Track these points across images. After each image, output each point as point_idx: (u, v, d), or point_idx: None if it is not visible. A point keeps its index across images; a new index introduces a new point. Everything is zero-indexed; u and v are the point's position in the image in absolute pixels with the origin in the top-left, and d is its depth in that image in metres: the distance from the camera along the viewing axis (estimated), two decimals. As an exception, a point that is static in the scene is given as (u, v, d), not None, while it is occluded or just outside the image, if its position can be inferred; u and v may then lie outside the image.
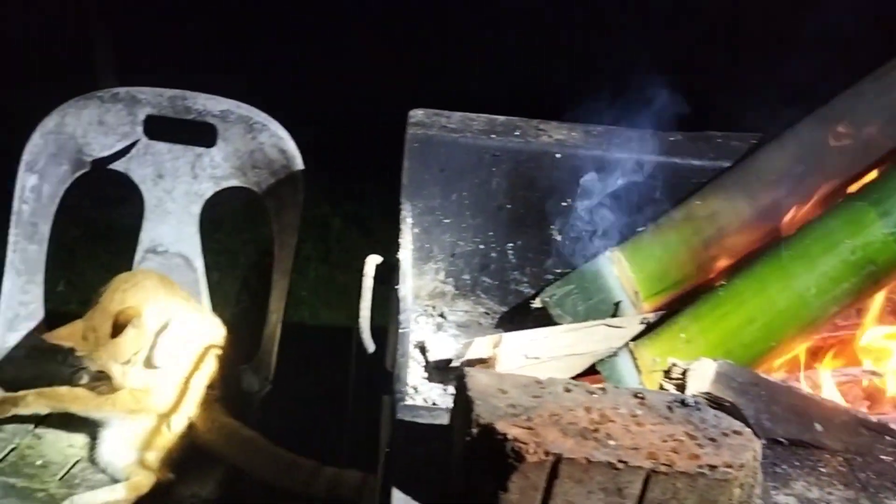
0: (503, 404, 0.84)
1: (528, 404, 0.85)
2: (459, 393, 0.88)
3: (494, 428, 0.80)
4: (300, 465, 1.51)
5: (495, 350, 1.32)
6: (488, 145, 1.49)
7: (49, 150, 1.84)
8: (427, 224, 1.55)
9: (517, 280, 1.60)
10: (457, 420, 0.87)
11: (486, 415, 0.82)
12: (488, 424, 0.81)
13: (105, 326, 1.49)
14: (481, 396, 0.84)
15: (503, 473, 0.79)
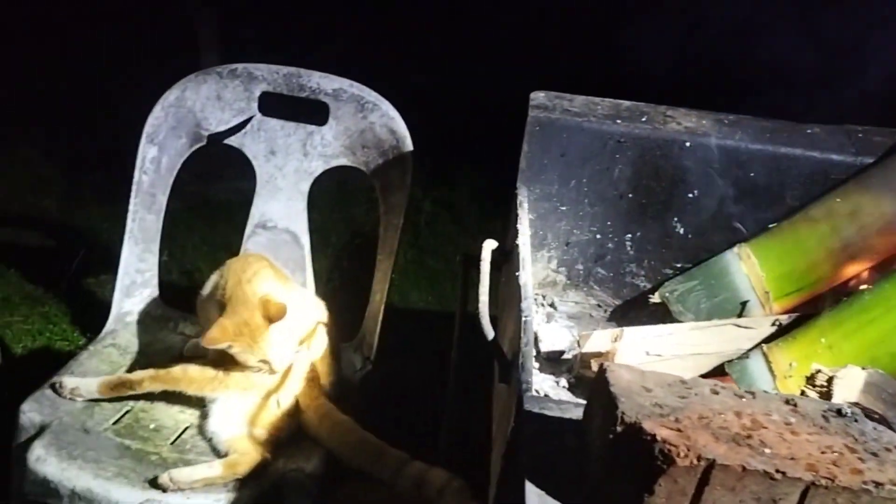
0: (648, 403, 0.80)
1: (674, 404, 0.80)
2: (599, 387, 0.84)
3: (642, 427, 0.76)
4: (387, 456, 1.49)
5: (614, 344, 1.27)
6: (613, 131, 1.43)
7: (169, 122, 1.88)
8: (543, 211, 1.51)
9: (633, 273, 1.54)
10: (595, 415, 0.84)
11: (631, 413, 0.78)
12: (634, 423, 0.77)
13: (255, 318, 1.49)
14: (625, 393, 0.80)
15: (649, 476, 0.75)
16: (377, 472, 1.48)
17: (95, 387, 1.56)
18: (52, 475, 1.42)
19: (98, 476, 1.41)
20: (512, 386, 1.08)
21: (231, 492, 1.44)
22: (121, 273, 1.85)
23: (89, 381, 1.57)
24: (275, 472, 1.48)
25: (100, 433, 1.53)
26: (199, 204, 3.15)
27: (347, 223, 3.27)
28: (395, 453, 1.49)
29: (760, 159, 1.41)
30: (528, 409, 0.93)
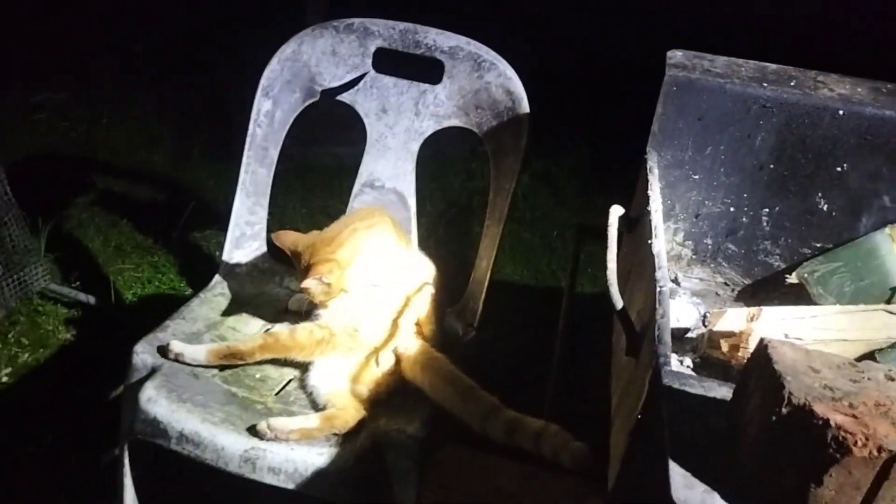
0: (817, 385, 0.71)
1: (846, 388, 0.71)
2: (759, 365, 0.76)
3: (812, 410, 0.68)
4: (479, 398, 1.44)
5: (750, 324, 1.18)
6: (758, 95, 1.31)
7: (284, 76, 1.87)
8: (673, 179, 1.41)
9: (767, 251, 1.43)
10: (752, 396, 0.76)
11: (799, 394, 0.69)
12: (804, 405, 0.68)
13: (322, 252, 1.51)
14: (791, 372, 0.72)
15: (819, 465, 0.67)
16: (467, 414, 1.43)
17: (203, 355, 1.53)
18: (161, 416, 1.43)
19: (206, 420, 1.42)
20: (642, 360, 1.01)
21: (333, 447, 1.42)
22: (232, 224, 1.86)
23: (197, 349, 1.54)
24: (376, 431, 1.46)
25: (208, 379, 1.54)
26: (299, 167, 3.18)
27: (444, 192, 3.23)
28: (487, 397, 1.44)
29: (924, 132, 1.28)
30: (667, 384, 0.85)
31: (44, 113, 3.46)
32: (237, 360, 1.53)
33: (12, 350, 2.25)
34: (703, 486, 0.72)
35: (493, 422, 1.41)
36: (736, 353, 1.19)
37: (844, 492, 0.66)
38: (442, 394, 1.48)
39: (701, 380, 0.88)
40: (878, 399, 0.70)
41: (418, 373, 1.52)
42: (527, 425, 1.39)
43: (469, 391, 1.46)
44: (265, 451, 1.39)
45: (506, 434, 1.39)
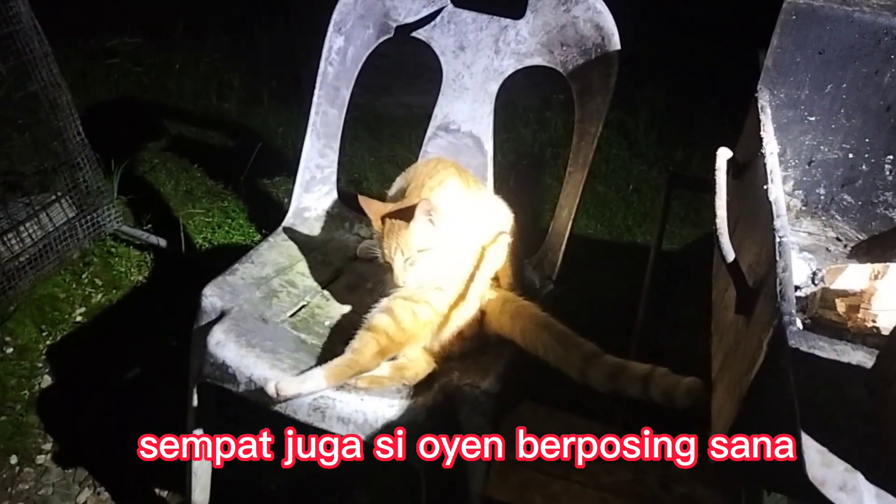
0: None
1: None
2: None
3: None
4: (578, 344, 1.36)
5: (874, 282, 1.05)
6: (891, 25, 1.16)
7: (358, 11, 1.78)
8: (785, 120, 1.27)
9: (888, 203, 1.28)
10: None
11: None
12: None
13: (405, 215, 1.41)
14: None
15: None
16: (566, 361, 1.35)
17: (322, 381, 1.33)
18: (230, 360, 1.40)
19: (274, 366, 1.38)
20: (757, 319, 0.89)
21: (405, 398, 1.36)
22: (301, 167, 1.79)
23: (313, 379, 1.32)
24: (449, 385, 1.39)
25: (277, 324, 1.50)
26: (368, 116, 3.11)
27: (514, 143, 3.12)
28: (586, 343, 1.36)
29: None
30: (794, 346, 0.74)
31: (117, 58, 3.46)
32: (358, 374, 1.36)
33: (86, 290, 2.27)
34: (843, 465, 0.62)
35: (596, 368, 1.33)
36: (854, 315, 1.07)
37: None
38: (536, 341, 1.40)
39: (832, 342, 0.77)
40: None
41: (507, 322, 1.44)
42: (633, 369, 1.30)
43: (567, 337, 1.38)
44: (334, 399, 1.34)
45: (610, 379, 1.31)
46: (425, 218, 1.40)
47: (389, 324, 1.40)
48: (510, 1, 1.72)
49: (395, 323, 1.40)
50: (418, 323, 1.41)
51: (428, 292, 1.44)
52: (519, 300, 1.47)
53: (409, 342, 1.42)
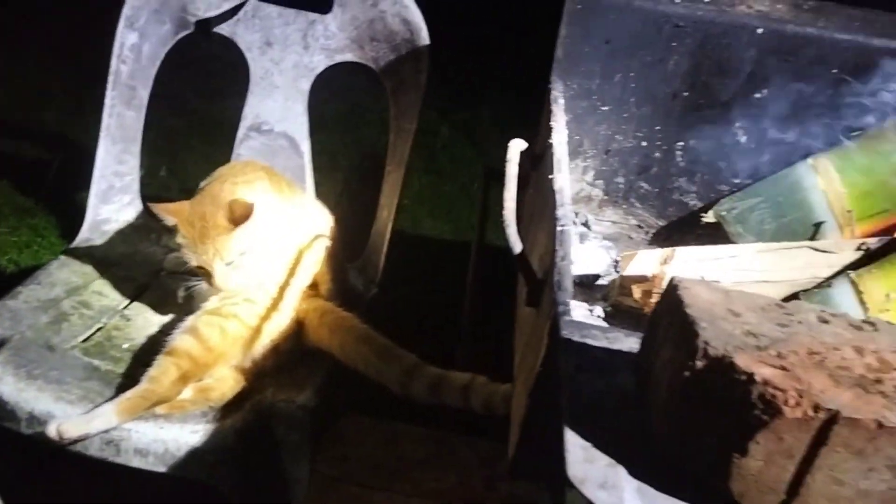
0: (738, 331, 0.59)
1: (773, 335, 0.59)
2: (669, 309, 0.63)
3: (733, 363, 0.55)
4: (398, 356, 1.33)
5: (664, 267, 1.06)
6: (671, 13, 1.18)
7: (151, 5, 1.65)
8: (580, 111, 1.28)
9: (683, 189, 1.32)
10: (662, 347, 0.63)
11: (717, 343, 0.57)
12: (722, 357, 0.56)
13: (216, 217, 1.31)
14: (706, 317, 0.59)
15: (744, 429, 0.54)
16: (386, 375, 1.32)
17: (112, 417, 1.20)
18: (7, 395, 1.24)
19: (60, 399, 1.24)
20: (543, 309, 0.87)
21: (211, 422, 1.26)
22: (96, 176, 1.64)
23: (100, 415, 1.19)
24: (261, 403, 1.30)
25: (66, 351, 1.35)
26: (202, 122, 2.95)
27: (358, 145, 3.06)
28: (406, 354, 1.33)
29: (848, 53, 1.17)
30: (566, 336, 0.72)
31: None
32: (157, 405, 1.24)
33: None
34: (606, 460, 0.59)
35: (416, 380, 1.30)
36: (648, 300, 1.08)
37: (774, 461, 0.54)
38: (356, 355, 1.35)
39: (606, 330, 0.75)
40: (810, 346, 0.58)
41: (325, 335, 1.38)
42: (453, 379, 1.30)
43: (387, 350, 1.34)
44: (130, 430, 1.21)
45: (430, 391, 1.29)
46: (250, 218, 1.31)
47: (193, 345, 1.29)
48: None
49: (200, 343, 1.29)
50: (227, 340, 1.31)
51: (237, 305, 1.35)
52: (338, 311, 1.41)
53: (216, 362, 1.31)
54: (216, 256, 1.30)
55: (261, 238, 1.34)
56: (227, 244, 1.30)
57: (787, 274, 1.05)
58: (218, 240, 1.30)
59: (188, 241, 1.33)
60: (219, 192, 1.36)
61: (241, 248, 1.31)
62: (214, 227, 1.30)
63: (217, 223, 1.30)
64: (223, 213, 1.30)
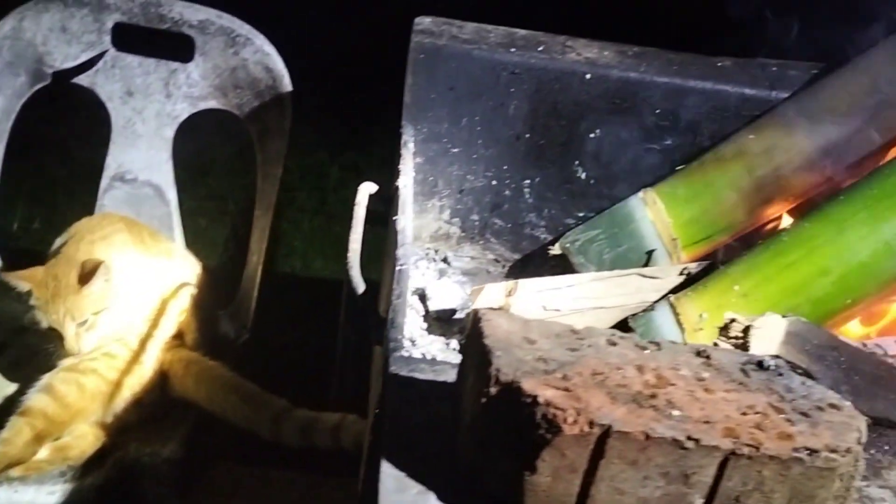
0: (531, 357, 0.64)
1: (563, 359, 0.64)
2: (472, 340, 0.67)
3: (520, 387, 0.60)
4: (267, 402, 1.34)
5: (508, 299, 1.12)
6: (506, 60, 1.26)
7: (4, 57, 1.62)
8: (432, 153, 1.33)
9: (533, 223, 1.39)
10: (468, 376, 0.67)
11: (508, 369, 0.61)
12: (511, 382, 0.60)
13: (69, 277, 1.28)
14: (503, 346, 0.64)
15: (530, 448, 0.59)
16: (255, 422, 1.32)
17: None
18: None
19: None
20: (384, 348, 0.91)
21: (69, 482, 1.22)
22: (-52, 232, 1.58)
23: None
24: (124, 458, 1.28)
25: None
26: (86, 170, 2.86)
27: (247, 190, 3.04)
28: (275, 399, 1.34)
29: (667, 94, 1.28)
30: (394, 371, 0.76)
31: None
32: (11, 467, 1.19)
33: None
34: (417, 488, 0.63)
35: (286, 424, 1.31)
36: (499, 331, 1.13)
37: (561, 476, 0.59)
38: (223, 404, 1.34)
39: (434, 363, 0.79)
40: (595, 367, 0.64)
41: (191, 385, 1.37)
42: (323, 421, 1.31)
43: (255, 396, 1.34)
44: (-24, 495, 1.16)
45: (301, 435, 1.30)
46: (96, 276, 1.28)
47: (48, 403, 1.25)
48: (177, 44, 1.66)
49: (56, 401, 1.26)
50: (85, 396, 1.28)
51: (95, 360, 1.32)
52: (204, 361, 1.40)
53: (74, 419, 1.28)
54: (67, 317, 1.28)
55: (118, 294, 1.32)
56: (79, 304, 1.28)
57: (620, 300, 1.12)
58: (69, 300, 1.27)
59: (41, 302, 1.30)
60: (74, 252, 1.34)
61: (95, 307, 1.29)
62: (66, 287, 1.28)
63: (69, 283, 1.28)
64: (75, 273, 1.28)
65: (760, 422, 0.61)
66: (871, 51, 1.19)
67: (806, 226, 1.01)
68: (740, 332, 0.87)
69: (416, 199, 1.39)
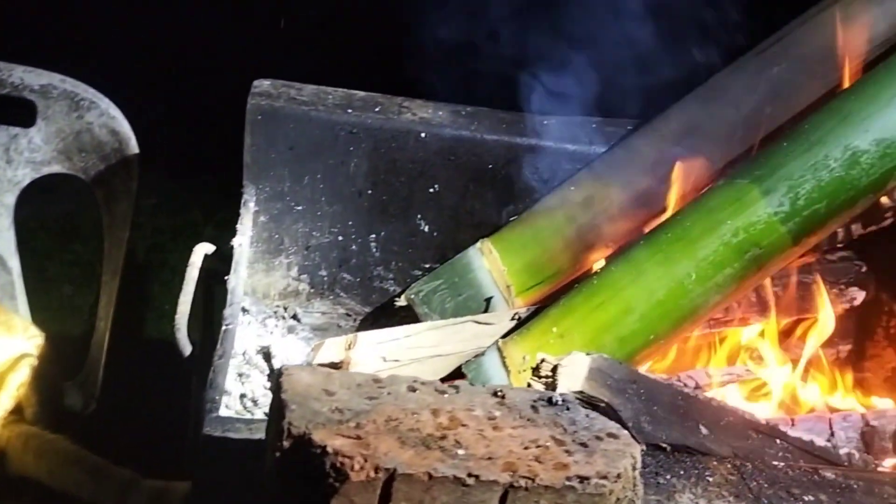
0: (326, 409, 0.66)
1: (359, 408, 0.67)
2: (274, 397, 0.69)
3: (311, 438, 0.62)
4: (113, 474, 1.30)
5: (348, 353, 1.14)
6: (344, 121, 1.32)
7: None
8: (276, 212, 1.36)
9: (381, 276, 1.43)
10: (269, 432, 0.69)
11: (300, 422, 0.64)
12: (303, 434, 0.63)
13: None
14: (298, 399, 0.66)
15: (321, 496, 0.61)
16: (101, 495, 1.27)
17: None
18: None
19: None
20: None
21: None
22: None
23: None
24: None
25: None
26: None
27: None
28: (121, 471, 1.29)
29: (498, 150, 1.36)
30: (207, 433, 0.76)
31: None
32: None
33: None
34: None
35: (133, 496, 1.26)
36: (343, 385, 1.15)
37: (353, 521, 0.61)
38: (66, 479, 1.29)
39: (250, 422, 0.80)
40: (391, 414, 0.67)
41: (31, 462, 1.30)
42: (174, 489, 1.26)
43: (101, 469, 1.29)
44: None
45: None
46: None
47: None
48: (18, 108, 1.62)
49: None
50: None
51: None
52: (45, 435, 1.35)
53: None
54: None
55: None
56: None
57: (457, 347, 1.17)
58: None
59: None
60: None
61: None
62: None
63: None
64: None
65: (540, 454, 0.66)
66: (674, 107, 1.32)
67: (612, 269, 1.09)
68: (549, 372, 0.92)
69: (263, 257, 1.40)
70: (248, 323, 1.38)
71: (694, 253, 1.03)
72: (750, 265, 1.02)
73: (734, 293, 1.06)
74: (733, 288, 1.04)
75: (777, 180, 1.01)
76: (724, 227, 1.02)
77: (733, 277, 1.03)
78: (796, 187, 1.00)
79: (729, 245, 1.02)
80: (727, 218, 1.03)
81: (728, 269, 1.02)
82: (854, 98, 1.02)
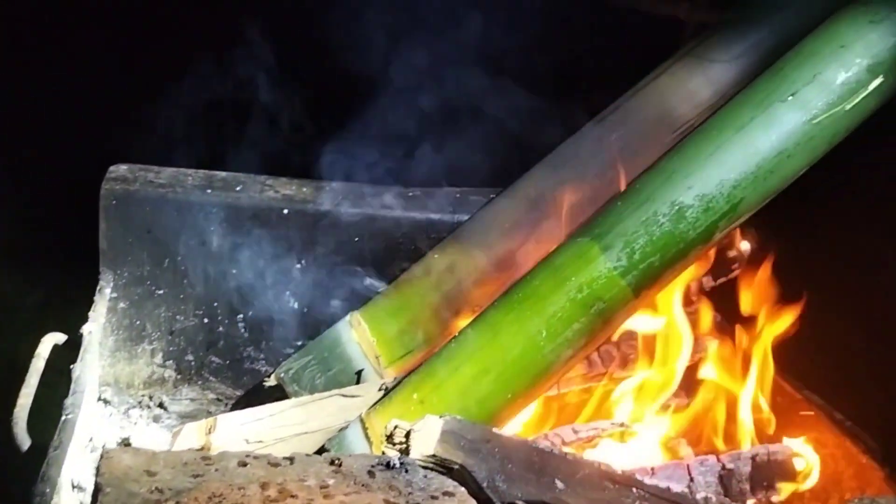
0: (144, 489, 0.64)
1: (181, 486, 0.65)
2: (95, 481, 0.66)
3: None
4: None
5: (209, 437, 1.10)
6: (203, 201, 1.32)
7: None
8: (136, 297, 1.33)
9: (251, 357, 1.41)
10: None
11: None
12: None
13: None
14: (115, 482, 0.64)
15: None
16: None
17: None
18: None
19: None
20: None
21: None
22: None
23: None
24: None
25: None
26: None
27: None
28: None
29: (364, 223, 1.39)
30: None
31: None
32: None
33: None
34: None
35: None
36: (207, 471, 1.11)
37: None
38: None
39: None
40: (215, 490, 0.65)
41: None
42: None
43: None
44: None
45: None
46: None
47: None
48: None
49: None
50: None
51: None
52: None
53: None
54: None
55: None
56: None
57: (324, 422, 1.15)
58: None
59: None
60: None
61: None
62: None
63: None
64: None
65: (370, 519, 0.65)
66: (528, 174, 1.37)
67: (469, 331, 1.11)
68: (403, 438, 0.92)
69: (125, 345, 1.36)
70: (109, 414, 1.32)
71: (543, 310, 1.06)
72: (596, 319, 1.06)
73: (584, 347, 1.09)
74: (583, 342, 1.07)
75: (614, 237, 1.06)
76: (570, 284, 1.06)
77: (581, 332, 1.06)
78: (631, 242, 1.05)
79: (575, 301, 1.06)
80: (572, 275, 1.07)
81: (576, 324, 1.06)
82: (677, 157, 1.10)
